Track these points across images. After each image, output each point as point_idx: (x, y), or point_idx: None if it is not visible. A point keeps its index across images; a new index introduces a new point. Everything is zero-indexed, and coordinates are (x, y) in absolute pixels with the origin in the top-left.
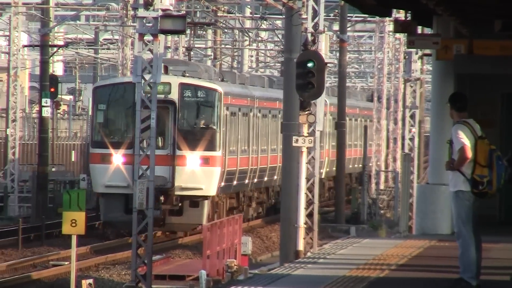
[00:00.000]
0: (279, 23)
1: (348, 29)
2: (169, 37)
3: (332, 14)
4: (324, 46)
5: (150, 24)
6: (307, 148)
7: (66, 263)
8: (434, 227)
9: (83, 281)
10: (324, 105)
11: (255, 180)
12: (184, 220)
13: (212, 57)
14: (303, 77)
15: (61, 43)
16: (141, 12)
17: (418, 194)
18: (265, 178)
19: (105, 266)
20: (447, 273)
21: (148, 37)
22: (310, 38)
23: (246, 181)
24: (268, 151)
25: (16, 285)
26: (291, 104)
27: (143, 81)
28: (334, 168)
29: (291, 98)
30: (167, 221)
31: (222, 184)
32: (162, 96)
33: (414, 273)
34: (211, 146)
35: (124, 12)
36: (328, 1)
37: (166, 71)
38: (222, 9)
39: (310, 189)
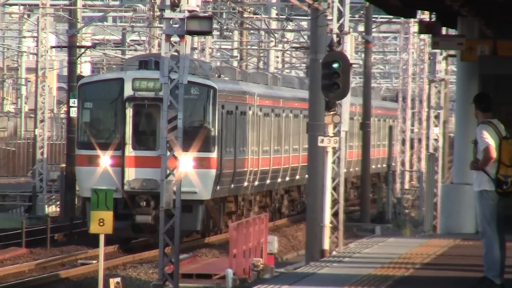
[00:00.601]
0: (304, 24)
1: (373, 30)
2: (196, 38)
3: (357, 15)
4: (350, 47)
5: (177, 25)
6: (333, 148)
7: (94, 262)
8: (458, 226)
9: (111, 280)
10: (349, 105)
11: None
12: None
13: (238, 58)
14: (329, 78)
15: (88, 44)
16: (168, 14)
17: (442, 193)
18: (267, 181)
19: (133, 265)
20: (472, 272)
21: (174, 38)
22: (335, 39)
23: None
24: (271, 152)
25: (44, 284)
26: (317, 105)
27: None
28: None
29: (316, 99)
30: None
31: (218, 187)
32: (153, 93)
33: (439, 271)
34: (205, 147)
35: (151, 13)
36: (353, 2)
37: (155, 66)
38: (248, 10)
39: (335, 189)
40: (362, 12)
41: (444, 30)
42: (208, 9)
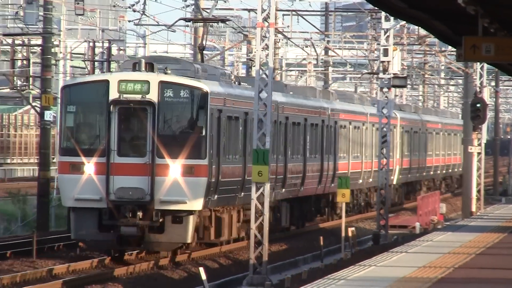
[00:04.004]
0: (460, 80)
1: (500, 84)
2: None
3: (491, 76)
4: (487, 95)
5: (386, 82)
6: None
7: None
8: None
9: (349, 229)
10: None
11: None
12: (166, 238)
13: (422, 101)
14: (474, 112)
15: None
16: (381, 75)
17: None
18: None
19: (361, 220)
20: None
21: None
22: (478, 89)
23: None
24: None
25: None
26: (468, 128)
27: None
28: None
29: (468, 124)
30: (146, 239)
31: (215, 197)
32: (139, 96)
33: None
34: (196, 154)
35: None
36: (489, 68)
37: (151, 68)
38: (428, 73)
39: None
40: (493, 74)
41: None
42: (404, 72)
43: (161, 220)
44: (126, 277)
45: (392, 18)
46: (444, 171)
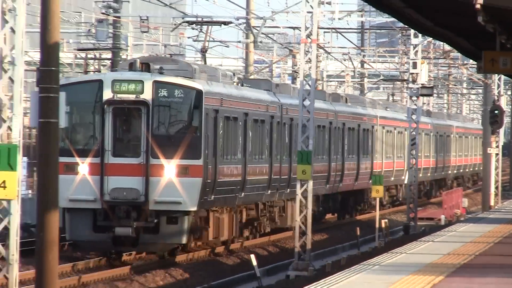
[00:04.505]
0: (480, 90)
1: None
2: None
3: (507, 86)
4: (504, 102)
5: (415, 91)
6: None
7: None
8: None
9: (382, 221)
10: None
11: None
12: (161, 239)
13: (447, 108)
14: (493, 118)
15: None
16: (411, 85)
17: None
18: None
19: (393, 213)
20: None
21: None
22: (496, 98)
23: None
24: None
25: None
26: (487, 132)
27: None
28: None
29: (487, 128)
30: (141, 240)
31: (212, 197)
32: (133, 96)
33: None
34: (191, 154)
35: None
36: (506, 79)
37: (148, 68)
38: (452, 83)
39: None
40: (509, 84)
41: None
42: (431, 82)
43: (156, 220)
44: (187, 263)
45: (420, 35)
46: (461, 170)
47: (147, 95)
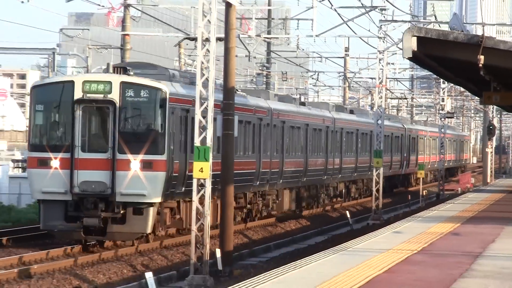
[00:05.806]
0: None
1: (503, 115)
2: None
3: (497, 112)
4: (496, 121)
5: (443, 115)
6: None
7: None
8: None
9: (424, 191)
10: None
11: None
12: (127, 229)
13: (461, 118)
14: (489, 130)
15: None
16: (441, 111)
17: None
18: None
19: (430, 186)
20: None
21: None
22: (491, 118)
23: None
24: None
25: None
26: (485, 138)
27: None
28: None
29: (485, 136)
30: (109, 230)
31: (183, 189)
32: (102, 96)
33: None
34: (154, 149)
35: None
36: (497, 108)
37: (125, 72)
38: (465, 110)
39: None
40: (499, 111)
41: None
42: (452, 110)
43: (123, 211)
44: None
45: (446, 82)
46: (463, 162)
47: (115, 95)
